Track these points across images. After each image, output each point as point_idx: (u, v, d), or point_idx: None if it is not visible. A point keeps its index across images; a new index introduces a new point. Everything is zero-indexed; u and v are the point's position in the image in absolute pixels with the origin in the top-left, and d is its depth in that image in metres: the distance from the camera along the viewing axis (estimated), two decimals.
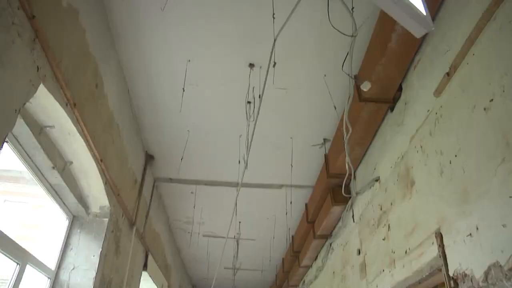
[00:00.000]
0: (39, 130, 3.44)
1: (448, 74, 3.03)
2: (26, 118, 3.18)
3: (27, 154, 3.49)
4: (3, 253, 3.41)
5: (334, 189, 5.65)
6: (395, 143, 4.10)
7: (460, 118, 2.87)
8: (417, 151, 3.55)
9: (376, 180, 4.60)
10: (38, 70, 2.80)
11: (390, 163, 4.21)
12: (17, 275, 3.54)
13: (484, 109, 2.56)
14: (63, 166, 3.93)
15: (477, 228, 2.56)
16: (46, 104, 3.15)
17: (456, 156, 2.88)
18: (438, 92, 3.18)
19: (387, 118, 4.39)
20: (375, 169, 4.68)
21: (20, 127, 3.15)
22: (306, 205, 7.12)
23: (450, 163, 2.95)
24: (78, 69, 3.49)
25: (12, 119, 2.63)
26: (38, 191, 4.08)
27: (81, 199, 4.43)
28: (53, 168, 3.69)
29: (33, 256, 3.81)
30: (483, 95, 2.59)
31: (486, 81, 2.57)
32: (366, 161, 5.03)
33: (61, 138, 3.70)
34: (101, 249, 4.40)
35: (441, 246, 2.98)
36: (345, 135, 3.85)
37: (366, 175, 4.97)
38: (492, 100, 2.49)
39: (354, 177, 5.28)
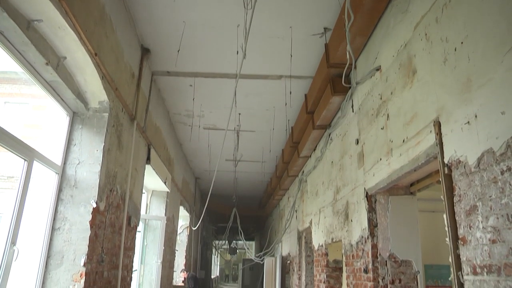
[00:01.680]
0: (27, 25, 3.28)
1: None
2: (10, 12, 3.01)
3: (18, 51, 3.38)
4: (10, 151, 3.48)
5: (334, 79, 5.59)
6: (399, 32, 3.95)
7: (470, 4, 2.71)
8: (421, 39, 3.43)
9: (377, 70, 4.53)
10: None
11: (392, 52, 4.10)
12: (26, 171, 3.66)
13: None
14: (57, 62, 3.83)
15: (476, 116, 2.57)
16: None
17: (462, 43, 2.78)
18: None
19: (391, 5, 4.17)
20: (376, 58, 4.58)
21: (4, 21, 3.00)
22: (305, 96, 7.11)
23: (455, 50, 2.87)
24: None
25: None
26: (37, 91, 4.03)
27: (79, 95, 4.40)
28: (47, 64, 3.60)
29: (39, 153, 3.90)
30: None
31: None
32: (367, 50, 4.89)
33: (52, 33, 3.56)
34: (103, 144, 4.49)
35: (439, 134, 3.02)
36: (346, 23, 3.70)
37: (367, 65, 4.88)
38: None
39: (355, 67, 5.20)
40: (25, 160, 3.67)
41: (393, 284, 4.29)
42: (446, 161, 2.92)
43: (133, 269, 6.15)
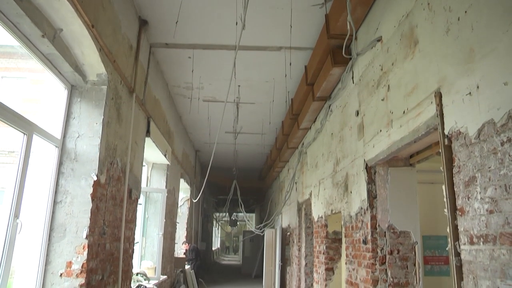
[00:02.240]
0: None
1: None
2: None
3: (12, 23, 3.32)
4: (9, 125, 3.47)
5: (334, 51, 5.53)
6: (400, 1, 3.88)
7: None
8: (424, 9, 3.37)
9: (378, 40, 4.47)
10: None
11: (394, 23, 4.03)
12: (26, 145, 3.66)
13: None
14: (53, 34, 3.77)
15: (478, 87, 2.55)
16: None
17: (466, 12, 2.73)
18: None
19: None
20: (377, 29, 4.51)
21: None
22: (305, 67, 7.04)
23: (458, 20, 2.82)
24: None
25: None
26: (35, 65, 3.99)
27: (77, 68, 4.35)
28: (43, 36, 3.55)
29: (38, 127, 3.89)
30: None
31: None
32: (368, 21, 4.82)
33: (47, 4, 3.49)
34: (102, 117, 4.47)
35: (440, 105, 3.01)
36: None
37: (368, 36, 4.81)
38: None
39: (355, 38, 5.12)
40: (24, 134, 3.66)
41: (392, 254, 4.35)
42: (446, 132, 2.92)
43: (135, 241, 6.24)
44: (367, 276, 4.55)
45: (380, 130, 4.33)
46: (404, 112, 3.71)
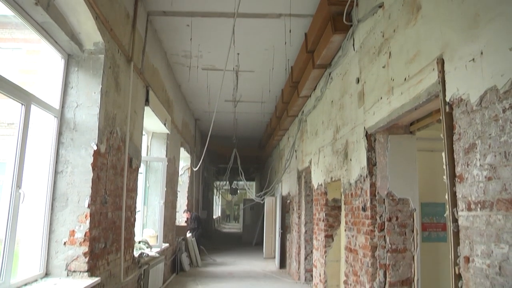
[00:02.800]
0: None
1: None
2: None
3: None
4: (6, 95, 3.45)
5: (335, 18, 5.42)
6: None
7: None
8: None
9: (380, 7, 4.38)
10: None
11: None
12: (24, 115, 3.64)
13: None
14: (47, 2, 3.69)
15: (482, 53, 2.52)
16: None
17: None
18: None
19: None
20: None
21: None
22: (305, 34, 6.92)
23: None
24: None
25: None
26: (30, 36, 3.92)
27: (73, 37, 4.28)
28: (36, 4, 3.46)
29: (36, 97, 3.86)
30: None
31: None
32: None
33: None
34: (101, 86, 4.43)
35: (442, 72, 2.98)
36: None
37: (369, 2, 4.71)
38: None
39: (357, 4, 5.02)
40: (22, 104, 3.64)
41: (390, 221, 4.41)
42: (447, 99, 2.90)
43: (137, 210, 6.31)
44: (366, 242, 4.63)
45: (381, 98, 4.31)
46: (405, 79, 3.67)
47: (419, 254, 4.34)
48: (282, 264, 11.91)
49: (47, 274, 4.14)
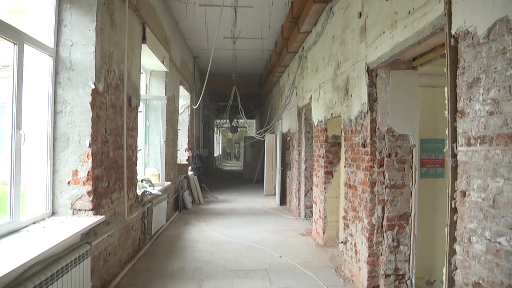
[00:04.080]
0: None
1: None
2: None
3: None
4: None
5: None
6: None
7: None
8: None
9: None
10: None
11: None
12: (17, 55, 3.55)
13: None
14: None
15: None
16: None
17: None
18: None
19: None
20: None
21: None
22: None
23: None
24: None
25: None
26: None
27: None
28: None
29: (29, 35, 3.75)
30: None
31: None
32: None
33: None
34: (95, 23, 4.30)
35: (448, 3, 2.86)
36: None
37: None
38: None
39: None
40: (14, 43, 3.54)
41: (390, 157, 4.45)
42: (453, 32, 2.81)
43: (138, 149, 6.35)
44: (365, 178, 4.70)
45: (383, 32, 4.19)
46: (409, 12, 3.55)
47: (417, 190, 4.43)
48: (283, 201, 12.20)
49: (53, 213, 4.26)
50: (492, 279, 2.39)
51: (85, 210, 4.27)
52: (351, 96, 5.28)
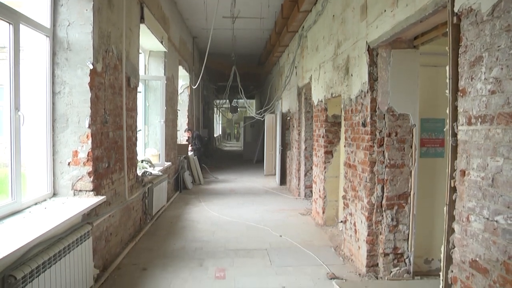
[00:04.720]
0: None
1: None
2: None
3: None
4: None
5: None
6: None
7: None
8: None
9: None
10: None
11: None
12: (13, 35, 3.50)
13: None
14: None
15: None
16: None
17: None
18: None
19: None
20: None
21: None
22: None
23: None
24: None
25: None
26: None
27: None
28: None
29: (24, 15, 3.70)
30: None
31: None
32: None
33: None
34: (92, 3, 4.24)
35: None
36: None
37: None
38: None
39: None
40: (10, 23, 3.49)
41: (390, 137, 4.45)
42: (456, 10, 2.77)
43: (138, 129, 6.34)
44: (365, 158, 4.70)
45: (385, 10, 4.13)
46: None
47: (417, 169, 4.44)
48: (283, 181, 12.25)
49: (55, 194, 4.27)
50: (489, 257, 2.42)
51: (86, 191, 4.28)
52: (352, 75, 5.25)
